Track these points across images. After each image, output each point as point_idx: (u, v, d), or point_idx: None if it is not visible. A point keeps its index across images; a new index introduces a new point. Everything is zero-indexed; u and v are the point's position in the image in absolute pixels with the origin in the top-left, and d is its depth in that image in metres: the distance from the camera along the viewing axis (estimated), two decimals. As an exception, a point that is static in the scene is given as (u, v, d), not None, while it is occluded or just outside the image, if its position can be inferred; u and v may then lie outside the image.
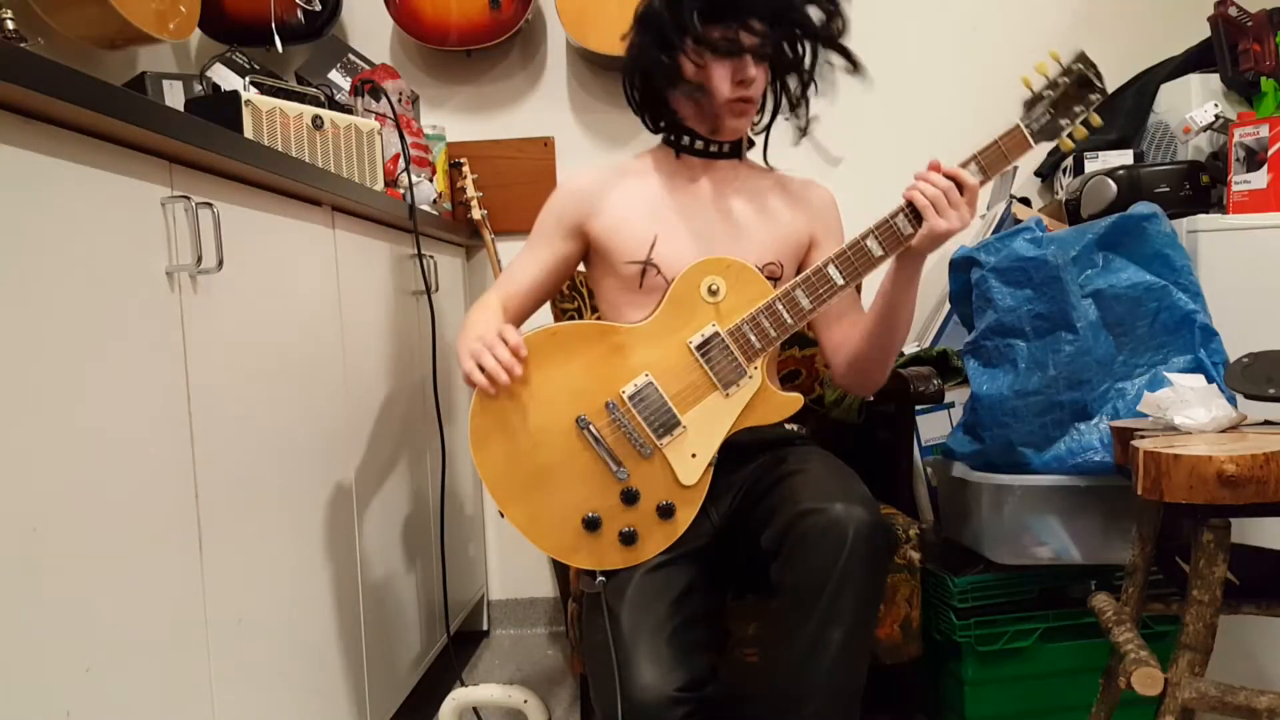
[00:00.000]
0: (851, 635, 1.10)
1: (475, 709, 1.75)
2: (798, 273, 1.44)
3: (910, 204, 1.20)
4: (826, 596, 1.08)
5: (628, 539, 1.19)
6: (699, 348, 1.21)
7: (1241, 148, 1.69)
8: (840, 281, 1.21)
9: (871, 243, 1.21)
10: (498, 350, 1.16)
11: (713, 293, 1.21)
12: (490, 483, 1.19)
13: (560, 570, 1.64)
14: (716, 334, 1.21)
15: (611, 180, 1.39)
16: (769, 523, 1.17)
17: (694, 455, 1.21)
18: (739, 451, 1.32)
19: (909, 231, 1.20)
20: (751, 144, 1.44)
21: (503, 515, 1.22)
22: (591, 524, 1.18)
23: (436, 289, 1.95)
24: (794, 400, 1.24)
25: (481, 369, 1.17)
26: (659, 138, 1.43)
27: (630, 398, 1.19)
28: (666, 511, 1.20)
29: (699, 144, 1.37)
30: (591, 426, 1.18)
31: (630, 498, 1.19)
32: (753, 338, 1.21)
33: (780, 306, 1.21)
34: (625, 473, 1.19)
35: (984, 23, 2.27)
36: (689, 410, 1.20)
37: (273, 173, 1.18)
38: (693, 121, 1.35)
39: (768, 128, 1.42)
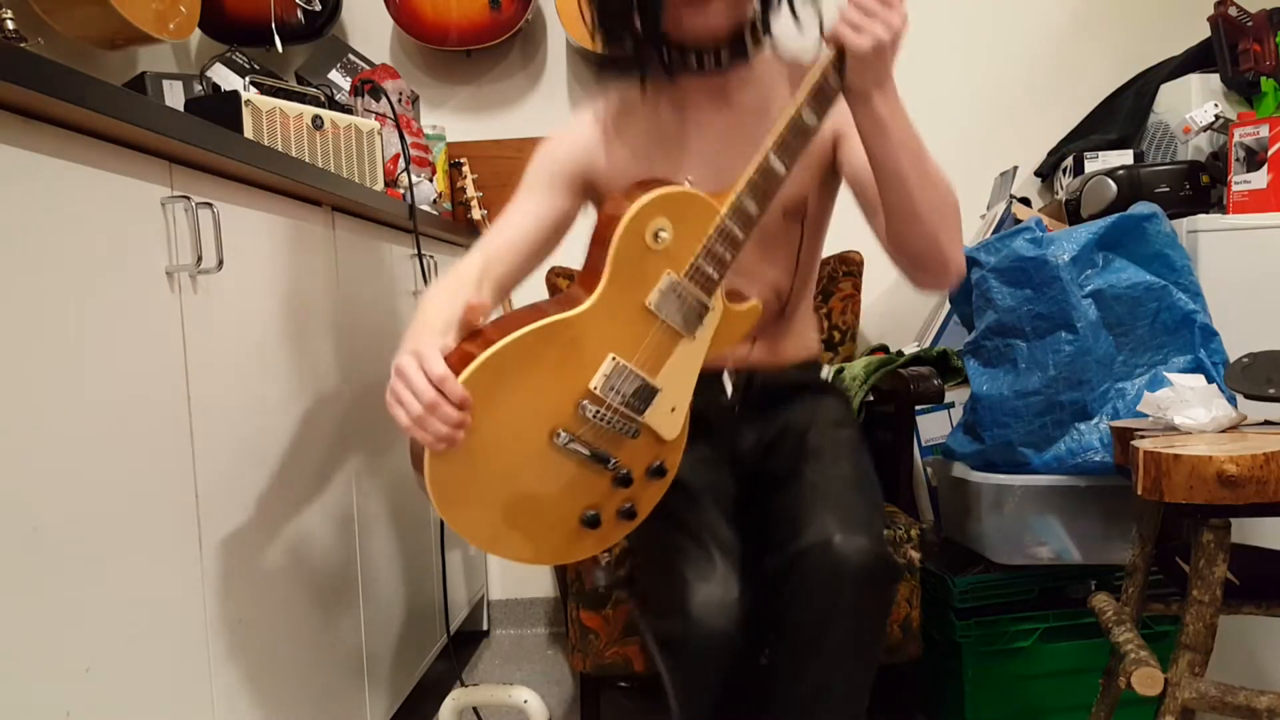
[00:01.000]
0: (852, 678, 1.09)
1: (475, 709, 1.75)
2: (830, 178, 1.28)
3: (832, 48, 1.03)
4: (826, 643, 1.07)
5: (627, 514, 1.13)
6: (659, 305, 1.06)
7: (1241, 148, 1.69)
8: (782, 170, 1.06)
9: (806, 112, 1.05)
10: (441, 410, 0.92)
11: (658, 238, 1.05)
12: (476, 539, 1.04)
13: (560, 570, 1.63)
14: (674, 283, 1.06)
15: (612, 124, 1.25)
16: (773, 541, 1.15)
17: (673, 409, 1.11)
18: (766, 394, 1.30)
19: (836, 84, 1.04)
20: (758, 40, 1.21)
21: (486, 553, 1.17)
22: (592, 522, 1.11)
23: (436, 289, 1.95)
24: (753, 310, 1.14)
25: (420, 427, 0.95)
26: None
27: (601, 389, 1.05)
28: (658, 472, 1.13)
29: (696, 58, 1.17)
30: (570, 438, 1.04)
31: (624, 481, 1.10)
32: (710, 270, 1.08)
33: (731, 225, 1.07)
34: (615, 462, 1.08)
35: (983, 22, 2.27)
36: (660, 370, 1.09)
37: (273, 173, 1.18)
38: (687, 35, 1.16)
39: (764, 10, 1.19)
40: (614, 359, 1.05)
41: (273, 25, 2.05)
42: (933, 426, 1.88)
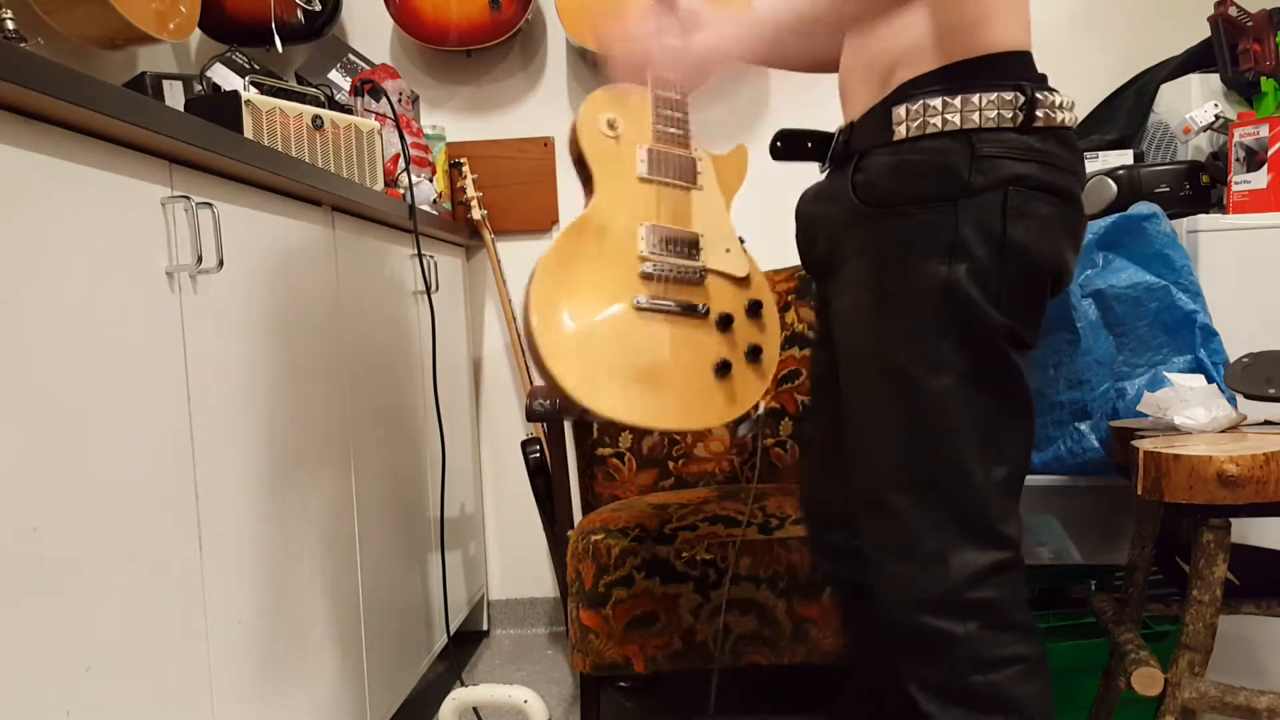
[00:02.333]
0: None
1: (475, 709, 1.75)
2: None
3: None
4: None
5: (753, 355, 1.26)
6: (650, 172, 1.26)
7: (1241, 148, 1.69)
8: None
9: None
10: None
11: (614, 126, 1.25)
12: (629, 415, 1.15)
13: (560, 570, 1.63)
14: (649, 150, 1.26)
15: None
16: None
17: (728, 250, 1.28)
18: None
19: None
20: None
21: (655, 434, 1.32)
22: (722, 368, 1.22)
23: (436, 289, 1.95)
24: (740, 151, 1.35)
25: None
26: None
27: (648, 250, 1.22)
28: (754, 309, 1.27)
29: None
30: (648, 299, 1.20)
31: (725, 322, 1.24)
32: (672, 130, 1.27)
33: (660, 92, 1.26)
34: (704, 307, 1.23)
35: (984, 23, 2.27)
36: (691, 221, 1.27)
37: (273, 173, 1.18)
38: None
39: None
40: (645, 225, 1.24)
41: (273, 25, 2.05)
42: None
